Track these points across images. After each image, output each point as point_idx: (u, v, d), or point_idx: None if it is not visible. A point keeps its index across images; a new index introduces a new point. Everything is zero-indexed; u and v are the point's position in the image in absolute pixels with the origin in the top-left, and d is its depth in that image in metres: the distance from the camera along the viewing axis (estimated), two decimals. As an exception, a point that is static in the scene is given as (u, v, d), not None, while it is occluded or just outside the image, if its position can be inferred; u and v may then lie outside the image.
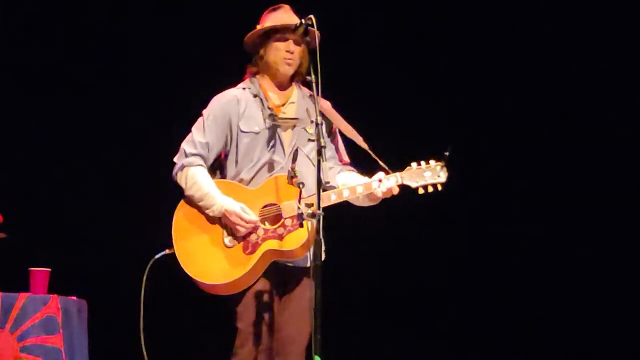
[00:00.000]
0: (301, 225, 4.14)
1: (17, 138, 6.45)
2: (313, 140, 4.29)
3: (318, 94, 4.11)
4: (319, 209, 3.96)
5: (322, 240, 3.93)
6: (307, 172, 4.30)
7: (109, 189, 6.52)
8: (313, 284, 3.91)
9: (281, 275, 4.36)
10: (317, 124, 4.06)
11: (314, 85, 4.11)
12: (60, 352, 4.71)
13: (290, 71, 4.43)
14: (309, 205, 4.06)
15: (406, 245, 6.61)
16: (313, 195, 4.05)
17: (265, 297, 4.31)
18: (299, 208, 4.13)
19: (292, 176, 4.28)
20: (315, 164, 4.00)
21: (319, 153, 3.96)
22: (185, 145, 4.43)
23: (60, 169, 6.47)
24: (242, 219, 4.28)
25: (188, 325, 6.52)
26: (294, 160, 4.32)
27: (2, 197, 5.40)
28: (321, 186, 3.97)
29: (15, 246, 5.23)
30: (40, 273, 4.86)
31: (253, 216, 4.30)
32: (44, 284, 4.85)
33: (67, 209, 6.44)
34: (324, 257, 4.11)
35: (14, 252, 5.41)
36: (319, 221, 3.96)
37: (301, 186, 4.19)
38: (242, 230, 4.29)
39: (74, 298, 4.96)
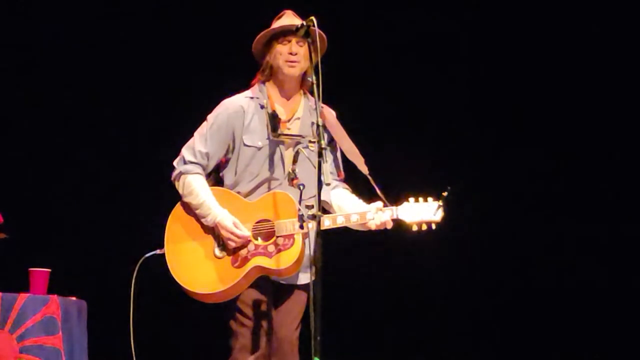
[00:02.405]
0: (301, 227, 4.14)
1: (17, 138, 6.46)
2: (313, 142, 4.29)
3: (319, 96, 4.10)
4: (319, 210, 3.97)
5: (321, 242, 3.93)
6: (307, 174, 4.30)
7: (109, 189, 6.52)
8: (311, 286, 3.92)
9: (272, 287, 4.37)
10: (317, 125, 4.05)
11: (315, 87, 4.09)
12: (59, 353, 4.70)
13: (294, 72, 4.39)
14: (309, 207, 4.06)
15: (405, 247, 6.60)
16: (313, 196, 4.05)
17: (260, 302, 4.32)
18: (299, 209, 4.13)
19: (292, 177, 4.28)
20: (316, 165, 4.00)
21: (320, 154, 3.95)
22: (185, 152, 4.42)
23: (60, 170, 6.47)
24: (233, 233, 4.28)
25: (184, 325, 6.51)
26: (295, 161, 4.32)
27: (2, 197, 5.39)
28: (321, 188, 3.96)
29: (15, 246, 5.23)
30: (40, 273, 4.86)
31: (245, 231, 4.29)
32: (43, 284, 4.85)
33: (67, 209, 6.44)
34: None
35: (14, 252, 5.41)
36: (318, 222, 3.96)
37: (301, 187, 4.19)
38: (232, 245, 4.29)
39: (74, 298, 4.95)
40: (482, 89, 6.82)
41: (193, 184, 4.37)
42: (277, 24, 4.44)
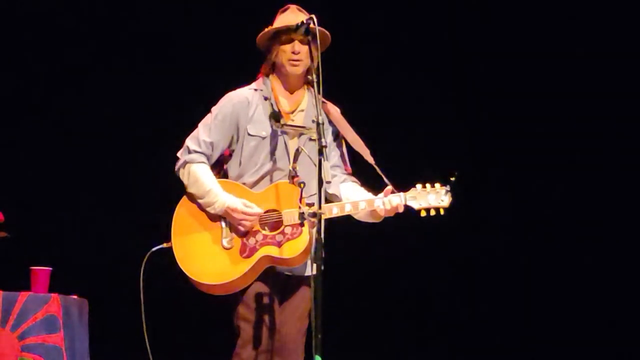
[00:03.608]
0: (302, 225, 4.14)
1: (17, 137, 6.46)
2: (314, 140, 4.29)
3: (320, 93, 4.10)
4: (320, 208, 3.96)
5: (323, 239, 3.92)
6: (308, 172, 4.30)
7: (110, 187, 6.52)
8: (312, 283, 3.92)
9: (279, 281, 4.36)
10: (317, 123, 4.04)
11: (316, 84, 4.09)
12: (61, 351, 4.70)
13: (297, 72, 4.39)
14: (310, 205, 4.05)
15: (405, 246, 6.61)
16: (314, 194, 4.05)
17: (266, 298, 4.31)
18: (299, 207, 4.13)
19: (292, 175, 4.28)
20: (317, 163, 3.99)
21: (320, 152, 3.95)
22: (189, 142, 4.42)
23: (61, 168, 6.46)
24: (245, 213, 4.26)
25: (188, 321, 6.52)
26: (295, 159, 4.31)
27: (2, 196, 5.39)
28: (322, 185, 3.96)
29: (16, 245, 5.23)
30: (41, 272, 4.86)
31: (256, 208, 4.28)
32: (44, 283, 4.85)
33: (68, 207, 6.44)
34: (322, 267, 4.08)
35: (15, 250, 5.41)
36: (319, 220, 3.96)
37: (302, 185, 4.19)
38: (247, 224, 4.27)
39: (75, 297, 4.95)
40: (483, 82, 6.83)
41: (198, 173, 4.36)
42: (280, 19, 4.44)
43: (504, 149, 6.82)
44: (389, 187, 4.28)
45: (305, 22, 4.16)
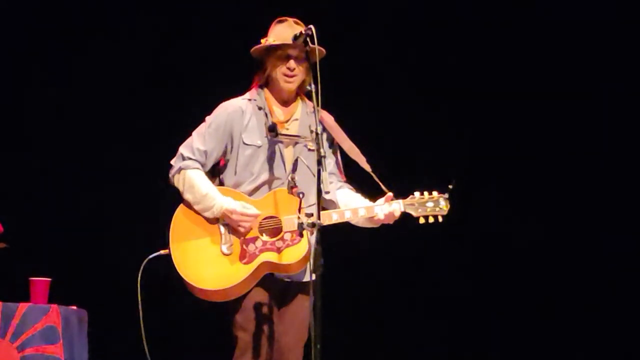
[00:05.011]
0: (301, 235, 4.15)
1: (16, 147, 6.46)
2: (313, 150, 4.30)
3: (318, 104, 4.11)
4: (319, 218, 3.97)
5: (321, 250, 3.93)
6: (307, 182, 4.31)
7: (109, 198, 6.52)
8: (311, 294, 3.93)
9: (278, 288, 4.37)
10: (316, 133, 4.05)
11: (314, 95, 4.10)
12: (60, 361, 4.71)
13: (291, 87, 4.41)
14: (309, 215, 4.06)
15: (405, 250, 6.61)
16: (313, 204, 4.06)
17: (264, 307, 4.31)
18: (298, 217, 4.14)
19: (291, 185, 4.29)
20: (315, 173, 4.01)
21: (319, 162, 3.96)
22: (183, 150, 4.43)
23: (60, 179, 6.47)
24: (243, 214, 4.27)
25: (187, 329, 6.52)
26: (294, 169, 4.33)
27: (2, 206, 5.40)
28: (321, 195, 3.97)
29: (16, 256, 5.23)
30: (41, 282, 4.86)
31: (254, 210, 4.29)
32: (44, 294, 4.86)
33: (68, 218, 6.44)
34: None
35: (15, 261, 5.41)
36: (318, 230, 3.97)
37: (301, 195, 4.20)
38: (246, 226, 4.28)
39: (74, 307, 4.96)
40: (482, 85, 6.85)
41: (194, 178, 4.36)
42: (275, 31, 4.43)
43: (503, 156, 6.84)
44: (390, 194, 4.30)
45: (304, 32, 4.16)
